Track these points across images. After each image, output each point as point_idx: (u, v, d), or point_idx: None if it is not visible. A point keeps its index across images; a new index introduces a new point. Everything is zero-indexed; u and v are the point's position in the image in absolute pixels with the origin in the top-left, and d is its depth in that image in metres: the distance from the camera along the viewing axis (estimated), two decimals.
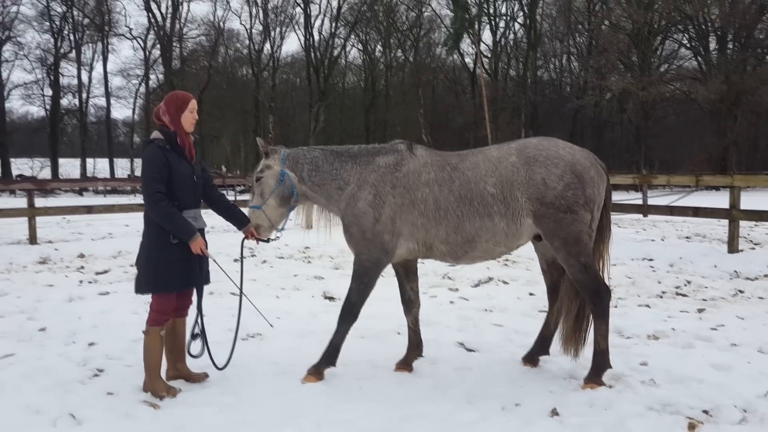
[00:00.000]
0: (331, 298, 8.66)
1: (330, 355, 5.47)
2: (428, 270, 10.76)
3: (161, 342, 5.14)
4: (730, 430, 4.33)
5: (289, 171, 5.53)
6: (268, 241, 5.70)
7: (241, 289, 5.70)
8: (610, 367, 5.28)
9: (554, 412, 4.62)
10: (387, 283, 9.74)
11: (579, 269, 5.12)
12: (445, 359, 5.94)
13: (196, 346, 5.31)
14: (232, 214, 5.59)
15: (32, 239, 14.49)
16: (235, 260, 11.96)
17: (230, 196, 28.28)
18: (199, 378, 5.40)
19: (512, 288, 9.27)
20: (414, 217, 5.25)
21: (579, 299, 5.42)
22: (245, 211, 5.71)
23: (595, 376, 5.19)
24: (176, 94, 5.27)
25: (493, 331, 6.97)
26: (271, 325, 6.33)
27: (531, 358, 5.75)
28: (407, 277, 5.80)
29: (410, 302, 5.82)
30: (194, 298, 5.34)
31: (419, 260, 5.75)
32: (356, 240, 5.36)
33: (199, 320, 5.28)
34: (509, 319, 7.34)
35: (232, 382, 5.35)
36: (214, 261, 5.33)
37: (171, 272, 5.00)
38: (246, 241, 5.75)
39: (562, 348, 5.60)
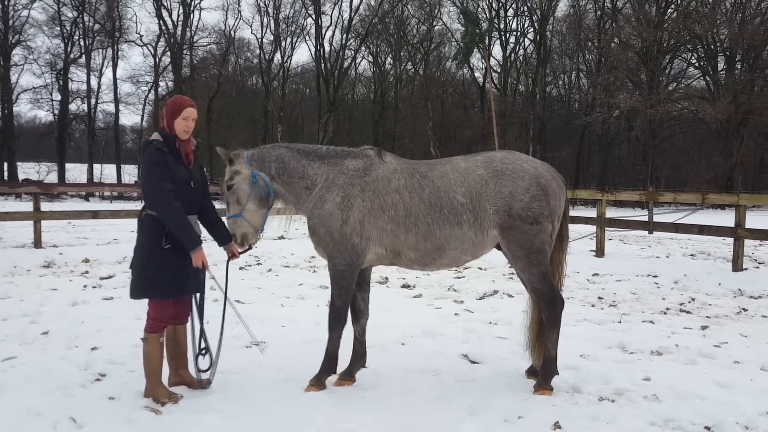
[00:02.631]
0: None
1: (328, 364, 5.49)
2: (434, 282, 10.77)
3: (161, 348, 5.13)
4: None
5: (258, 171, 5.50)
6: (249, 248, 5.58)
7: (224, 307, 5.56)
8: (557, 373, 5.47)
9: (557, 425, 4.61)
10: (391, 294, 9.79)
11: (538, 278, 5.34)
12: (448, 371, 5.95)
13: (204, 361, 5.30)
14: (216, 228, 5.48)
15: (37, 243, 14.54)
16: (240, 268, 12.02)
17: None
18: (201, 384, 5.39)
19: (517, 301, 9.24)
20: (383, 222, 5.30)
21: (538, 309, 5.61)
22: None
23: (544, 383, 5.39)
24: (175, 99, 5.23)
25: (497, 343, 6.97)
26: (261, 351, 6.22)
27: (534, 371, 5.75)
28: (360, 287, 5.76)
29: (360, 312, 5.81)
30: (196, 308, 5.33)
31: (425, 272, 5.75)
32: (325, 243, 5.37)
33: (204, 335, 5.25)
34: (513, 332, 7.32)
35: (235, 389, 5.36)
36: (212, 277, 5.27)
37: (164, 279, 4.97)
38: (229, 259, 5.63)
39: (529, 356, 5.77)
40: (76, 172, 54.58)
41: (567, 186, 5.68)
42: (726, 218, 20.04)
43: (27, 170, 50.69)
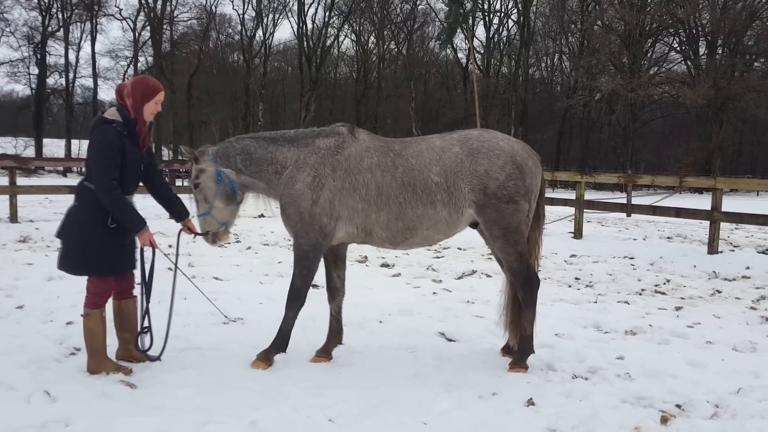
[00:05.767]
0: (314, 286, 8.64)
1: (280, 342, 5.49)
2: (413, 261, 10.80)
3: (103, 323, 5.08)
4: (702, 425, 4.38)
5: (223, 168, 5.43)
6: (206, 234, 5.54)
7: (174, 281, 5.54)
8: (533, 351, 5.53)
9: (530, 402, 4.66)
10: (372, 273, 9.82)
11: (515, 257, 5.35)
12: (425, 348, 5.98)
13: (145, 340, 5.30)
14: (173, 205, 5.45)
15: (13, 218, 14.40)
16: (220, 245, 11.96)
17: None
18: (149, 359, 5.35)
19: (494, 281, 9.28)
20: (354, 202, 5.27)
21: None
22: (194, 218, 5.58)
23: (520, 360, 5.45)
24: (146, 80, 5.07)
25: (474, 322, 7.03)
26: (226, 317, 6.23)
27: (509, 349, 5.79)
28: (335, 264, 5.78)
29: (336, 290, 5.82)
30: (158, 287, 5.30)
31: (402, 251, 5.74)
32: (293, 222, 5.33)
33: (147, 315, 5.23)
34: (490, 311, 7.35)
35: (211, 364, 5.35)
36: (165, 255, 5.23)
37: (106, 256, 4.92)
38: (183, 234, 5.58)
39: (507, 334, 5.80)
40: (54, 147, 53.86)
41: (547, 168, 5.69)
42: (703, 202, 20.21)
43: (3, 145, 49.78)
